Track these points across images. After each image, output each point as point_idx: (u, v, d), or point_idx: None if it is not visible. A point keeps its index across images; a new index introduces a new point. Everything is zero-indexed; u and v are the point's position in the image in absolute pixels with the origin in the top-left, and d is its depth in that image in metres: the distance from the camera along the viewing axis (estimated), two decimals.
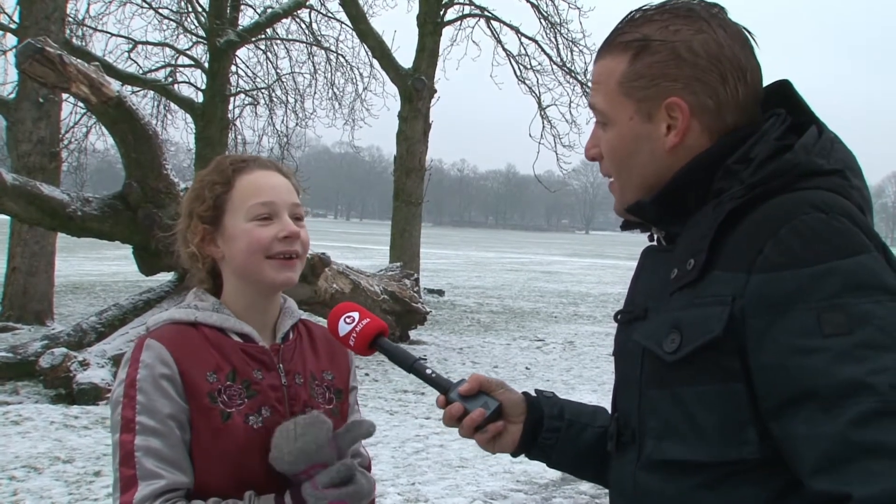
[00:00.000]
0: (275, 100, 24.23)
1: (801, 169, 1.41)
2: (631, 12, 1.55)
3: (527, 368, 12.01)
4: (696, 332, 1.37)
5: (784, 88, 1.53)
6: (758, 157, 1.43)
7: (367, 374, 10.92)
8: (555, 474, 6.97)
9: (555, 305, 21.82)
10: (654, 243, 1.62)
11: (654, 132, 1.50)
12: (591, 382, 11.12)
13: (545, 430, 1.75)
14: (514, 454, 1.77)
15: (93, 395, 8.78)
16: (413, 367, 1.79)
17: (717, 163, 1.46)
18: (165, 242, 9.83)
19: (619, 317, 1.63)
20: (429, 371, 1.78)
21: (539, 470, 7.05)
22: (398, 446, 7.60)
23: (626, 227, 1.65)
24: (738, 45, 1.48)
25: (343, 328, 1.83)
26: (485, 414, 1.68)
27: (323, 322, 2.17)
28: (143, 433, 1.73)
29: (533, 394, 1.80)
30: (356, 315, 1.83)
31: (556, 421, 1.76)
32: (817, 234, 1.32)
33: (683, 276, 1.43)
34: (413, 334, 14.02)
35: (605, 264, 45.92)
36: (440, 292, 22.48)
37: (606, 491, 5.70)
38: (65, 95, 14.56)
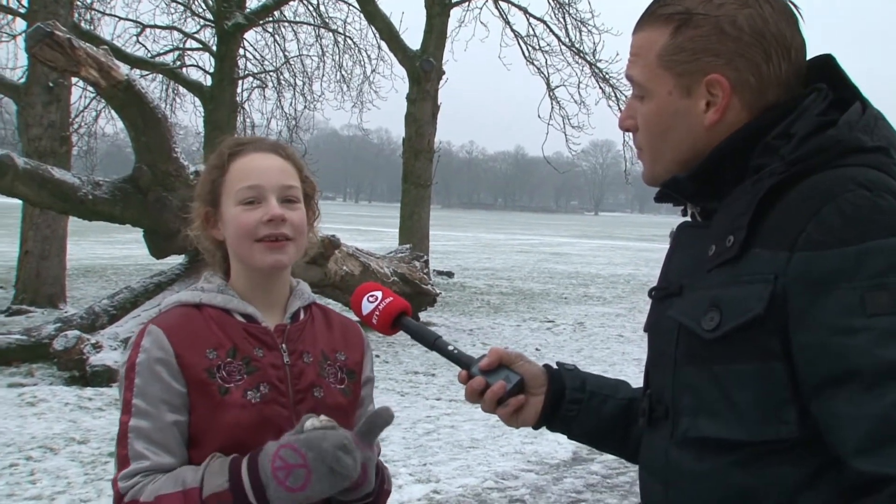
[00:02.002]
0: (283, 83, 24.25)
1: (844, 145, 1.38)
2: None
3: (537, 350, 12.04)
4: (737, 310, 1.35)
5: (827, 63, 1.50)
6: (799, 132, 1.40)
7: (377, 356, 10.95)
8: (566, 454, 7.01)
9: (565, 287, 21.82)
10: (689, 219, 1.60)
11: (692, 108, 1.48)
12: (601, 363, 11.15)
13: (567, 401, 1.75)
14: (536, 426, 1.77)
15: (106, 377, 8.84)
16: (435, 344, 1.80)
17: (757, 138, 1.44)
18: (176, 225, 9.90)
19: (653, 293, 1.61)
20: (450, 347, 1.79)
21: (550, 450, 7.10)
22: (409, 427, 7.64)
23: (660, 198, 1.61)
24: (783, 20, 1.45)
25: (366, 307, 1.85)
26: (506, 387, 1.69)
27: (333, 304, 2.18)
28: (137, 415, 1.78)
29: (554, 366, 1.80)
30: (379, 294, 1.85)
31: (578, 393, 1.76)
32: (861, 211, 1.29)
33: (722, 252, 1.41)
34: (423, 316, 14.05)
35: (614, 245, 45.86)
36: (450, 274, 22.51)
37: (617, 470, 5.74)
38: (74, 80, 14.59)
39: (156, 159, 10.07)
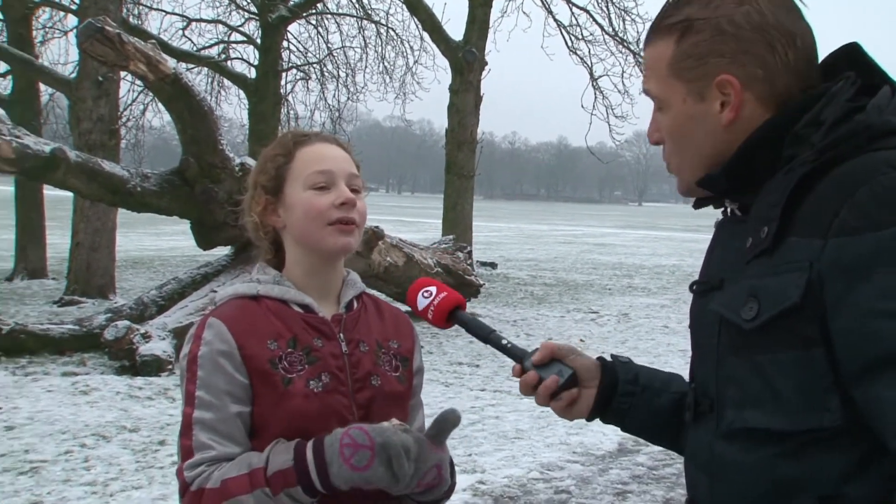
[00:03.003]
0: (326, 74, 24.36)
1: (875, 130, 1.37)
2: None
3: (581, 341, 12.02)
4: (774, 300, 1.35)
5: (854, 51, 1.50)
6: (828, 119, 1.40)
7: (421, 347, 10.95)
8: (611, 445, 7.01)
9: (608, 278, 21.72)
10: (729, 215, 1.61)
11: (708, 111, 1.49)
12: (646, 354, 11.10)
13: (619, 394, 1.75)
14: (589, 419, 1.78)
15: (155, 366, 8.98)
16: (489, 337, 1.82)
17: (786, 129, 1.44)
18: (222, 217, 10.01)
19: (694, 287, 1.62)
20: (504, 341, 1.81)
21: (596, 441, 7.09)
22: None
23: (698, 204, 1.62)
24: (782, 11, 1.47)
25: (421, 302, 1.88)
26: (559, 382, 1.70)
27: (377, 295, 2.22)
28: (200, 407, 1.81)
29: (608, 358, 1.81)
30: (433, 289, 1.88)
31: (631, 385, 1.76)
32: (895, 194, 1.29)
33: (758, 244, 1.42)
34: (467, 307, 14.04)
35: (658, 236, 45.52)
36: (493, 265, 22.50)
37: (664, 462, 5.74)
38: (122, 74, 14.81)
39: (202, 151, 10.18)
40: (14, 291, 15.88)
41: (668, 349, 11.58)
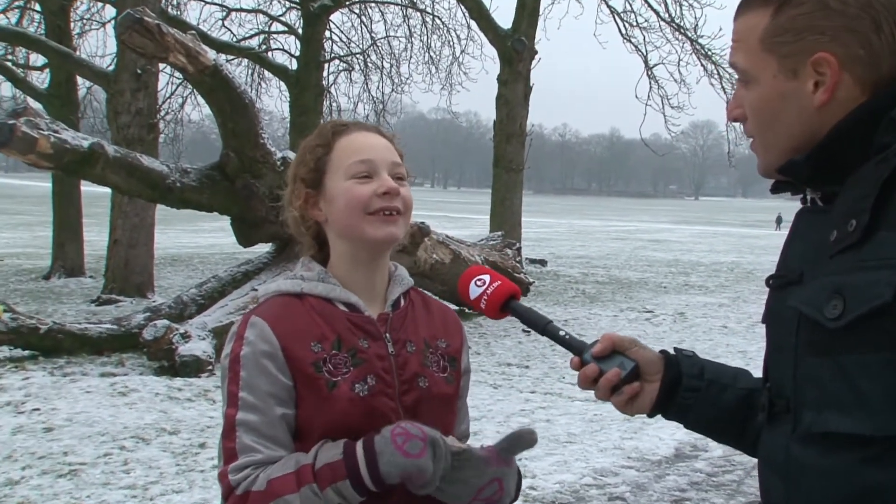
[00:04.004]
0: (370, 65, 24.47)
1: None
2: None
3: None
4: (862, 298, 1.31)
5: None
6: None
7: (469, 347, 10.97)
8: (668, 450, 6.95)
9: (664, 275, 21.57)
10: (809, 204, 1.56)
11: (800, 90, 1.45)
12: (704, 356, 10.76)
13: (683, 389, 1.72)
14: (651, 414, 1.75)
15: (195, 367, 9.06)
16: (546, 328, 1.79)
17: (880, 115, 1.40)
18: (263, 213, 10.09)
19: (771, 281, 1.58)
20: (562, 332, 1.78)
21: (651, 446, 7.03)
22: (503, 421, 7.66)
23: (776, 189, 1.59)
24: None
25: (474, 291, 1.86)
26: (620, 375, 1.68)
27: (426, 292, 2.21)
28: (244, 409, 1.81)
29: (671, 352, 1.78)
30: (487, 278, 1.85)
31: (696, 380, 1.73)
32: None
33: (844, 237, 1.38)
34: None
35: (716, 232, 45.12)
36: (543, 262, 22.45)
37: (723, 468, 5.67)
38: (161, 66, 14.99)
39: (243, 145, 10.27)
40: (51, 290, 16.16)
41: (727, 350, 11.46)
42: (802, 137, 1.47)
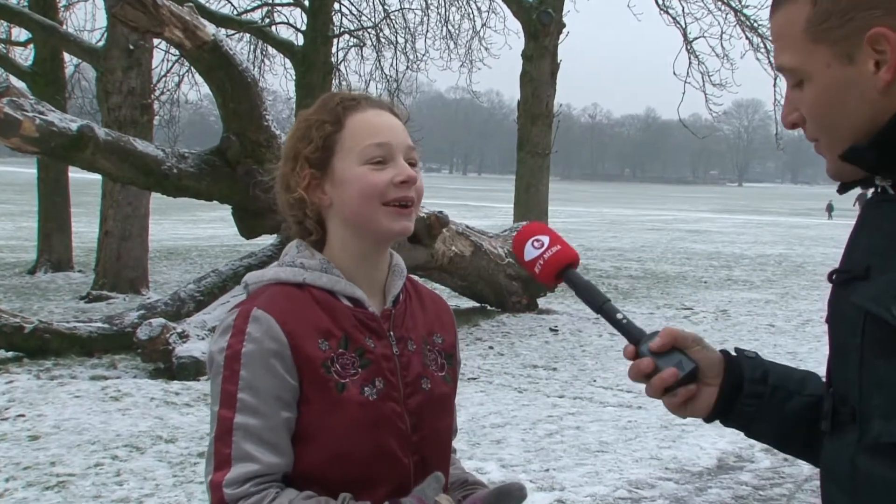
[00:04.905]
0: (382, 40, 24.38)
1: None
2: None
3: None
4: None
5: None
6: None
7: (490, 348, 11.01)
8: (710, 461, 6.92)
9: (704, 269, 21.52)
10: (879, 193, 1.54)
11: (860, 74, 1.43)
12: None
13: (745, 395, 1.70)
14: (708, 420, 1.73)
15: (193, 369, 9.09)
16: (602, 307, 1.77)
17: None
18: (268, 202, 10.09)
19: (834, 277, 1.56)
20: (619, 316, 1.76)
21: (691, 456, 7.01)
22: (528, 428, 7.66)
23: (843, 188, 1.57)
24: None
25: (530, 252, 1.82)
26: (677, 375, 1.66)
27: (440, 289, 2.21)
28: (244, 411, 1.80)
29: (733, 353, 1.75)
30: (545, 239, 1.82)
31: (759, 385, 1.70)
32: None
33: None
34: (542, 302, 14.04)
35: (761, 221, 44.98)
36: None
37: (771, 480, 5.64)
38: (156, 41, 15.01)
39: (245, 128, 10.29)
40: (37, 286, 16.25)
41: (774, 351, 11.42)
42: (870, 125, 1.45)
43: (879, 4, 1.40)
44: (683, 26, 21.72)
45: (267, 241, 11.81)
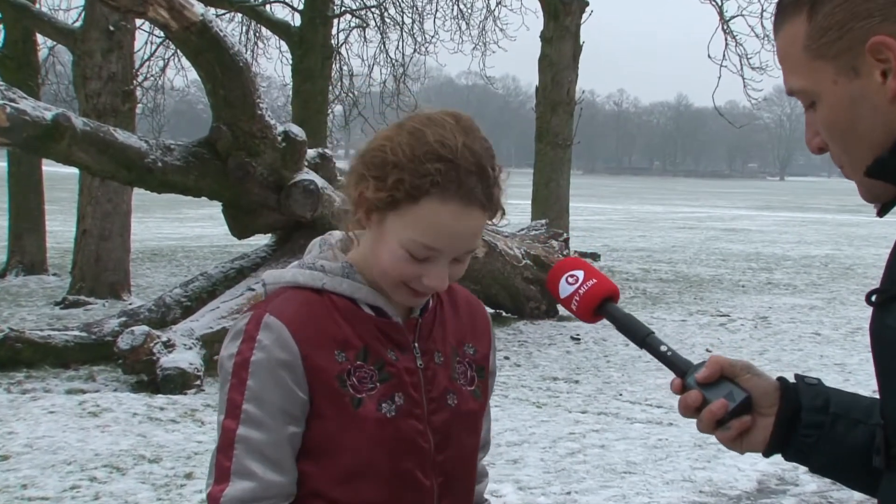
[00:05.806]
0: (387, 21, 24.41)
1: None
2: None
3: (707, 350, 11.88)
4: None
5: None
6: None
7: (507, 358, 11.00)
8: (749, 484, 6.91)
9: (742, 272, 21.48)
10: None
11: (868, 86, 1.45)
12: (792, 368, 10.92)
13: (804, 425, 1.69)
14: (766, 454, 1.73)
15: (180, 382, 9.08)
16: (645, 340, 1.80)
17: None
18: (262, 198, 10.11)
19: (873, 297, 1.55)
20: (663, 348, 1.78)
21: (728, 478, 7.00)
22: (548, 446, 7.65)
23: (883, 210, 1.57)
24: None
25: (565, 289, 1.86)
26: (727, 406, 1.67)
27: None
28: (247, 424, 1.82)
29: (791, 380, 1.75)
30: (580, 274, 1.86)
31: (819, 415, 1.69)
32: None
33: None
34: (562, 309, 13.99)
35: (806, 219, 44.87)
36: (595, 256, 22.40)
37: None
38: (139, 22, 15.03)
39: (237, 117, 10.29)
40: (7, 290, 16.28)
41: (820, 362, 11.39)
42: (884, 137, 1.47)
43: (874, 11, 1.43)
44: (719, 4, 21.68)
45: (261, 241, 11.82)
